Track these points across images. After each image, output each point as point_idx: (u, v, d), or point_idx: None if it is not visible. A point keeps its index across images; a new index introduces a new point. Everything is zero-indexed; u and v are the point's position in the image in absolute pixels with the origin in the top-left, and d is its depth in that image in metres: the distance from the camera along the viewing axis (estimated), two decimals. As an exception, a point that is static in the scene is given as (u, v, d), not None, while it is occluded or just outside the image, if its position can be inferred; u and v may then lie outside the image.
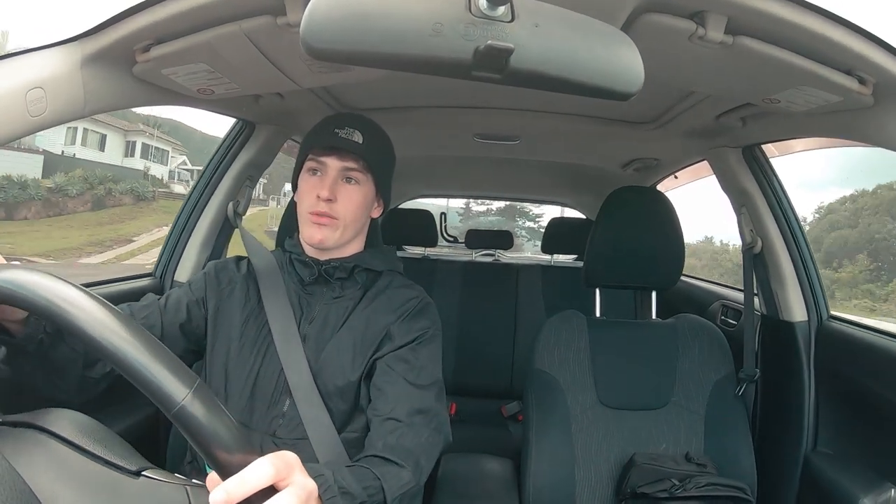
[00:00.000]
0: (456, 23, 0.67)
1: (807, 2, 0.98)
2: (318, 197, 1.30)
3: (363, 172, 1.33)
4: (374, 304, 1.37)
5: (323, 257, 1.38)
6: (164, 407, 0.67)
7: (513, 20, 0.69)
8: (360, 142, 1.30)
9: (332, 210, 1.31)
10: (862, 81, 1.12)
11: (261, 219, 21.19)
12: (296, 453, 1.25)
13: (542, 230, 3.83)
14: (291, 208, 1.51)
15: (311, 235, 1.33)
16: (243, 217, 2.04)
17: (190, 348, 1.39)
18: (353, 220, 1.34)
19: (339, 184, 1.32)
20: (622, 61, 0.76)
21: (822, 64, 1.09)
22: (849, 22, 1.01)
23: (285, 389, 1.30)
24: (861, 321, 1.71)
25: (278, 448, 1.25)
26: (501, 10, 0.68)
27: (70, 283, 0.70)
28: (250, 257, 1.46)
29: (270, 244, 1.76)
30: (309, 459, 1.25)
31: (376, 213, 1.45)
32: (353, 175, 1.32)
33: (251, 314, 1.38)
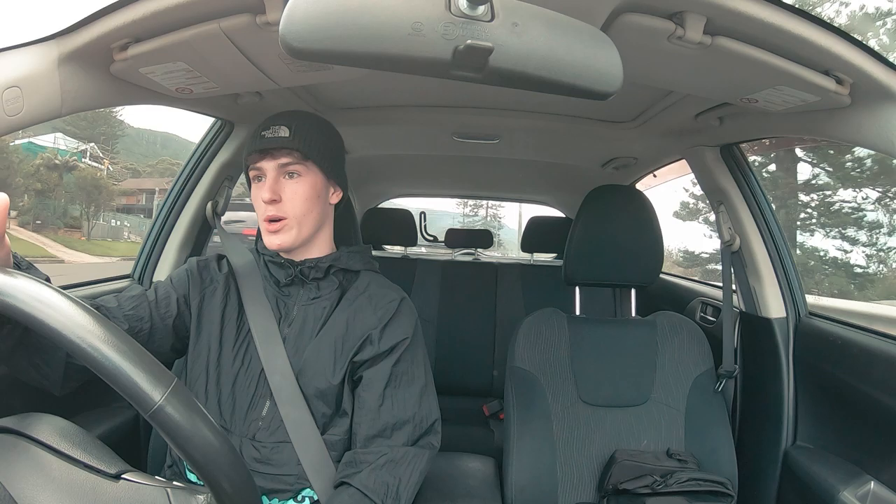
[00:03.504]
0: (435, 22, 0.67)
1: (785, 3, 0.99)
2: (263, 201, 1.31)
3: (301, 163, 1.32)
4: (355, 306, 1.36)
5: (297, 258, 1.38)
6: (140, 407, 0.67)
7: (492, 20, 0.69)
8: (288, 135, 1.29)
9: (280, 210, 1.31)
10: (839, 82, 1.13)
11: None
12: (277, 458, 1.26)
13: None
14: None
15: (270, 242, 1.33)
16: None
17: (175, 346, 1.38)
18: (303, 213, 1.33)
19: (280, 182, 1.32)
20: (601, 61, 0.76)
21: (800, 64, 1.10)
22: (827, 23, 1.02)
23: (266, 392, 1.30)
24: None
25: (258, 452, 1.26)
26: (481, 9, 0.68)
27: (41, 283, 0.69)
28: (229, 257, 1.45)
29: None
30: (291, 462, 1.25)
31: (335, 199, 1.43)
32: (291, 169, 1.32)
33: (231, 315, 1.37)
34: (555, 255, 3.87)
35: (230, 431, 1.29)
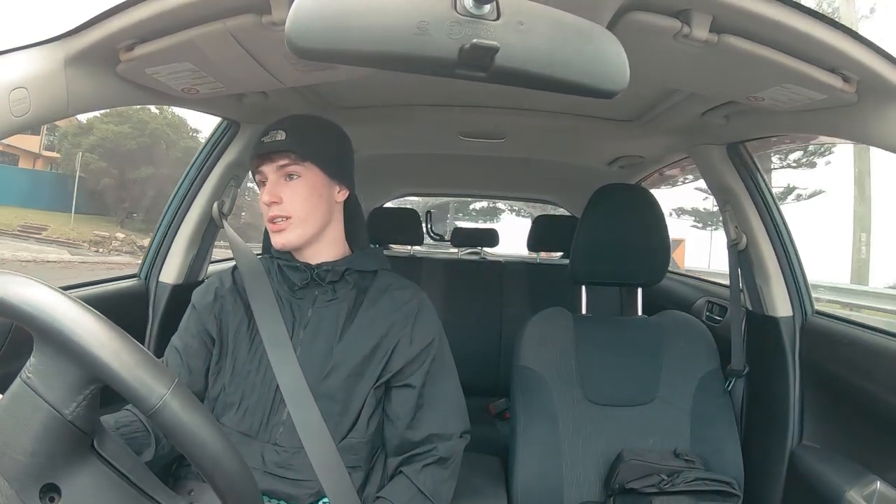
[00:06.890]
0: (441, 21, 0.67)
1: (792, 1, 0.98)
2: (265, 203, 1.33)
3: (298, 164, 1.33)
4: (378, 307, 1.38)
5: (312, 260, 1.38)
6: (140, 408, 0.67)
7: (498, 18, 0.69)
8: (283, 138, 1.31)
9: (282, 210, 1.32)
10: (846, 79, 1.12)
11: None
12: (298, 463, 1.27)
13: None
14: None
15: (275, 242, 1.35)
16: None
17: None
18: (306, 212, 1.34)
19: (280, 185, 1.34)
20: (607, 59, 0.76)
21: (806, 62, 1.09)
22: (833, 21, 1.01)
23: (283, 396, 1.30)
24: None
25: (279, 456, 1.27)
26: (487, 8, 0.68)
27: (42, 284, 0.69)
28: (236, 258, 1.45)
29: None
30: (307, 467, 1.26)
31: (341, 198, 1.43)
32: (290, 171, 1.33)
33: (242, 324, 1.38)
34: (561, 253, 3.87)
35: (253, 437, 1.29)
